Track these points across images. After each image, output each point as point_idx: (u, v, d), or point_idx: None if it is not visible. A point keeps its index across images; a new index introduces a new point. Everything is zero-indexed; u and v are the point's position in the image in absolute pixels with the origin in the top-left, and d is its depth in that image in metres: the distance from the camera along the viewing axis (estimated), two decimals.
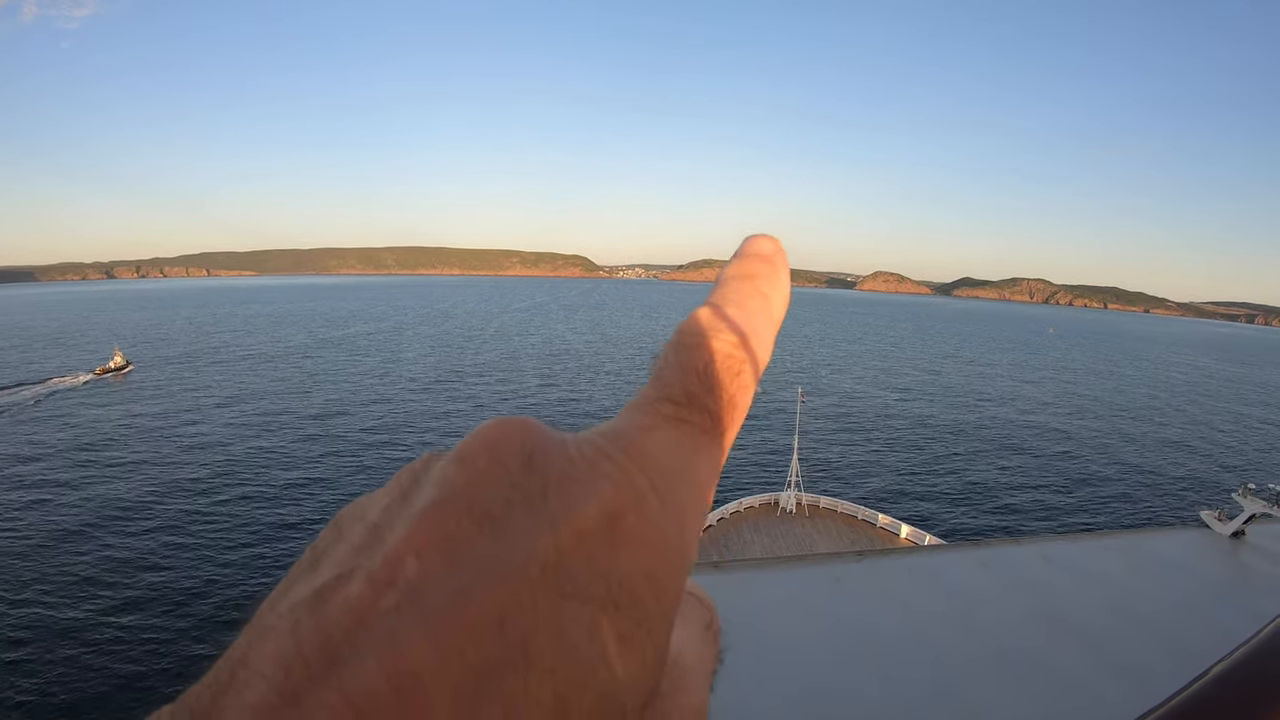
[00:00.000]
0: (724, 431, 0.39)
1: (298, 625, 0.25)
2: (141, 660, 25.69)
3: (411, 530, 0.28)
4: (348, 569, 0.27)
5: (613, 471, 0.31)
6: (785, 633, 10.22)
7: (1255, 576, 12.05)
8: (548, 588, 0.26)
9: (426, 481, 0.31)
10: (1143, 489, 53.03)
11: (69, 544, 34.86)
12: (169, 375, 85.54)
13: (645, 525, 0.30)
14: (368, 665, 0.23)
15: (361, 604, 0.25)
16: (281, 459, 48.86)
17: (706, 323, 0.41)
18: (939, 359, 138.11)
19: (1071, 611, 10.39)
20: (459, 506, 0.28)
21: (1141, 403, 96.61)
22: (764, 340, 0.46)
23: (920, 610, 10.70)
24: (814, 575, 12.06)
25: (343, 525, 0.34)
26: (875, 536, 30.50)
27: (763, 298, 0.44)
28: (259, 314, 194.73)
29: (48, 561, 33.00)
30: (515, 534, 0.27)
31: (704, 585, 6.93)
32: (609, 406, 71.74)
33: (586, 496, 0.29)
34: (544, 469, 0.30)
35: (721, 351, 0.39)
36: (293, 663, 0.23)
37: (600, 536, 0.28)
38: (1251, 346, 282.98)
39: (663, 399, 0.37)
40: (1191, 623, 10.31)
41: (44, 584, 30.82)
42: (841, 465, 54.15)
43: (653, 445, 0.34)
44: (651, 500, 0.31)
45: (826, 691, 8.46)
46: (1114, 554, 12.74)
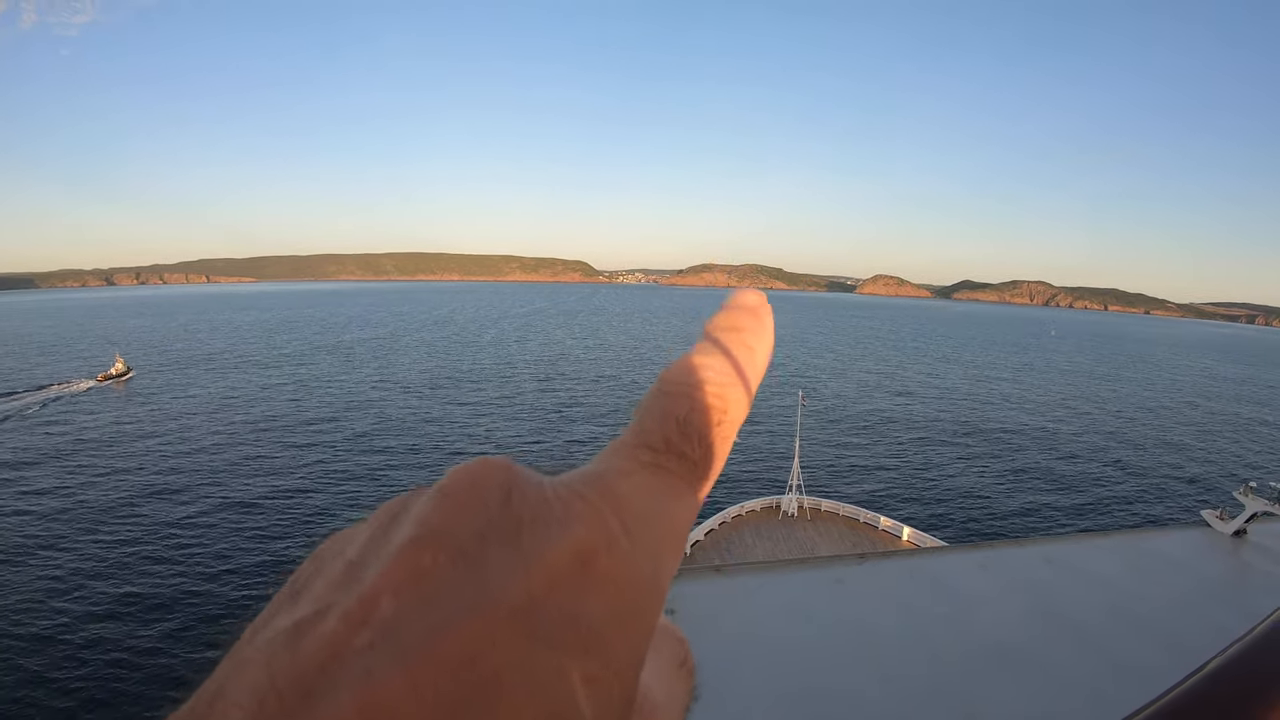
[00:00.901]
0: (702, 480, 0.39)
1: (273, 659, 0.25)
2: (132, 667, 25.67)
3: (388, 568, 0.28)
4: (325, 604, 0.28)
5: (586, 513, 0.31)
6: (787, 636, 10.21)
7: (1256, 575, 12.02)
8: (517, 629, 0.26)
9: (405, 518, 0.31)
10: (1147, 490, 52.96)
11: (65, 547, 35.02)
12: (168, 381, 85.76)
13: (616, 567, 0.30)
14: (341, 699, 0.23)
15: (336, 639, 0.25)
16: (271, 468, 48.64)
17: (690, 371, 0.42)
18: (940, 362, 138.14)
19: (1072, 612, 10.38)
20: (435, 544, 0.28)
21: (1147, 404, 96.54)
22: (746, 392, 0.46)
23: (921, 612, 10.68)
24: (816, 578, 12.02)
25: (323, 559, 0.33)
26: (877, 539, 30.43)
27: (747, 350, 0.45)
28: (256, 321, 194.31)
29: (46, 565, 33.11)
30: (490, 573, 0.28)
31: (706, 590, 7.10)
32: (604, 414, 71.87)
33: (560, 537, 0.30)
34: (520, 508, 0.31)
35: (703, 401, 0.40)
36: (267, 696, 0.24)
37: (571, 579, 0.29)
38: (1254, 347, 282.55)
39: (642, 445, 0.38)
40: (1192, 622, 10.29)
41: (42, 588, 30.99)
42: (843, 468, 54.07)
43: (628, 489, 0.35)
44: (623, 543, 0.32)
45: (828, 693, 8.44)
46: (1114, 554, 12.72)
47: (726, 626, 10.50)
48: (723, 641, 9.83)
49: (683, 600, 10.94)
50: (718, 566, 12.11)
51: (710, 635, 9.96)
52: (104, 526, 37.96)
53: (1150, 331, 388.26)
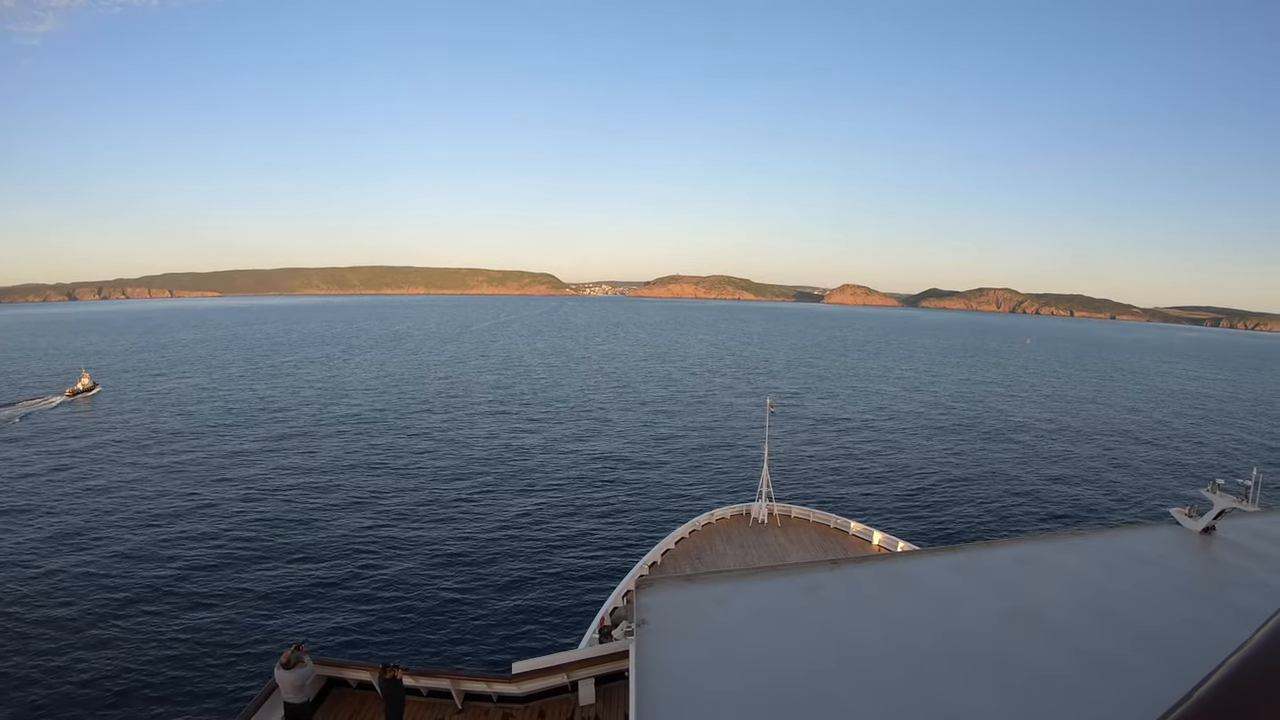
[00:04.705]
0: None
1: None
2: None
3: None
4: None
5: None
6: (761, 643, 10.09)
7: (1226, 570, 12.12)
8: None
9: None
10: (1120, 489, 53.83)
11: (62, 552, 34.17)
12: (125, 400, 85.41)
13: None
14: None
15: None
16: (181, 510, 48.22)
17: None
18: (911, 372, 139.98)
19: (1047, 611, 10.38)
20: None
21: (1128, 406, 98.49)
22: None
23: (897, 616, 10.63)
24: (789, 585, 11.93)
25: None
26: (848, 544, 30.48)
27: None
28: (201, 340, 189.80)
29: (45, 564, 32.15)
30: None
31: (679, 599, 6.79)
32: (561, 438, 71.55)
33: None
34: None
35: None
36: None
37: None
38: (1226, 351, 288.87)
39: None
40: (1165, 618, 10.34)
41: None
42: (812, 474, 54.27)
43: None
44: None
45: (804, 700, 8.32)
46: (1087, 554, 12.79)
47: (700, 635, 10.35)
48: (695, 650, 9.66)
49: (654, 610, 10.74)
50: (689, 575, 11.91)
51: (682, 644, 9.79)
52: (80, 533, 37.48)
53: (1122, 336, 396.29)
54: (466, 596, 32.16)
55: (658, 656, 9.26)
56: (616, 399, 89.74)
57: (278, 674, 14.69)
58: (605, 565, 35.61)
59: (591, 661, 15.96)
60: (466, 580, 33.75)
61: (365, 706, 15.90)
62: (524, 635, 29.00)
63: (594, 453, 59.57)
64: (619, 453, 59.79)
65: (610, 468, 54.85)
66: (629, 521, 42.38)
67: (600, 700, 15.94)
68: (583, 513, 43.80)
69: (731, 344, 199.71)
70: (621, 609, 23.20)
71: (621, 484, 50.54)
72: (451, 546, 37.72)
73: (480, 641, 28.45)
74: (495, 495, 46.89)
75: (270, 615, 30.20)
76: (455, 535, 39.34)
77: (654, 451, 60.72)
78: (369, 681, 16.13)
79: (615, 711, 15.46)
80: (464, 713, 15.76)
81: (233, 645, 27.74)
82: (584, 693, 15.94)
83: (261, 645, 27.68)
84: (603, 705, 15.81)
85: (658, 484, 50.85)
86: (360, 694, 16.37)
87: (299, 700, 14.70)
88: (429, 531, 39.86)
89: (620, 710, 15.43)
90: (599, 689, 16.05)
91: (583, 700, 15.91)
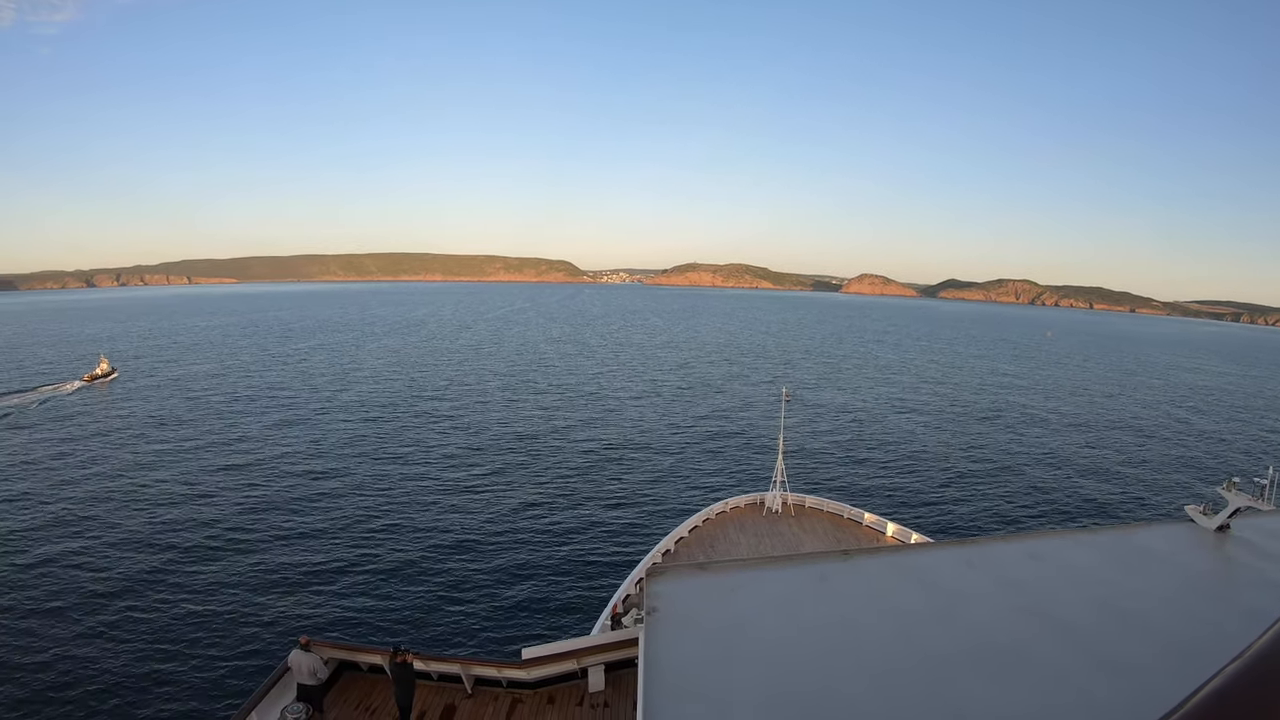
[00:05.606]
0: None
1: None
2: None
3: None
4: None
5: None
6: (772, 633, 10.13)
7: (1240, 569, 12.00)
8: None
9: None
10: (1141, 489, 53.35)
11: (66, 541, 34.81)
12: (140, 385, 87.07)
13: None
14: None
15: None
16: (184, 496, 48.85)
17: None
18: (930, 363, 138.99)
19: (1059, 608, 10.33)
20: None
21: (1149, 403, 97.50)
22: None
23: (908, 609, 10.62)
24: (801, 575, 11.95)
25: None
26: (861, 535, 30.43)
27: None
28: (215, 326, 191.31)
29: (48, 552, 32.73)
30: None
31: (690, 587, 6.85)
32: (576, 425, 71.66)
33: None
34: None
35: None
36: None
37: None
38: (1247, 348, 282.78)
39: None
40: (1178, 617, 10.26)
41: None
42: (828, 464, 54.14)
43: None
44: None
45: (814, 692, 8.35)
46: (1101, 550, 12.70)
47: (710, 624, 10.40)
48: (704, 639, 9.71)
49: (664, 598, 10.81)
50: (701, 564, 11.96)
51: (692, 633, 9.85)
52: (100, 516, 38.27)
53: (1147, 331, 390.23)
54: (478, 583, 32.46)
55: (667, 644, 9.32)
56: (631, 387, 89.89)
57: (294, 655, 14.93)
58: (619, 553, 35.78)
59: (601, 648, 16.05)
60: (478, 566, 34.06)
61: (376, 689, 16.13)
62: (536, 622, 29.25)
63: (608, 440, 59.81)
64: (633, 440, 59.98)
65: (625, 455, 55.06)
66: (643, 509, 42.55)
67: (610, 687, 16.04)
68: (597, 500, 44.03)
69: (748, 333, 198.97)
70: (634, 596, 23.30)
71: (636, 472, 50.70)
72: (465, 533, 38.07)
73: (491, 628, 28.73)
74: (509, 482, 47.23)
75: (282, 598, 30.71)
76: (468, 522, 39.69)
77: (669, 439, 60.84)
78: (380, 665, 16.34)
79: (625, 698, 15.55)
80: (474, 697, 15.93)
81: (244, 628, 28.22)
82: (594, 679, 16.05)
83: (274, 629, 28.13)
84: (612, 692, 15.91)
85: (672, 472, 50.97)
86: (371, 677, 16.60)
87: (313, 683, 14.94)
88: (442, 518, 40.25)
89: (630, 697, 15.51)
90: (609, 676, 16.15)
91: (592, 687, 16.02)
